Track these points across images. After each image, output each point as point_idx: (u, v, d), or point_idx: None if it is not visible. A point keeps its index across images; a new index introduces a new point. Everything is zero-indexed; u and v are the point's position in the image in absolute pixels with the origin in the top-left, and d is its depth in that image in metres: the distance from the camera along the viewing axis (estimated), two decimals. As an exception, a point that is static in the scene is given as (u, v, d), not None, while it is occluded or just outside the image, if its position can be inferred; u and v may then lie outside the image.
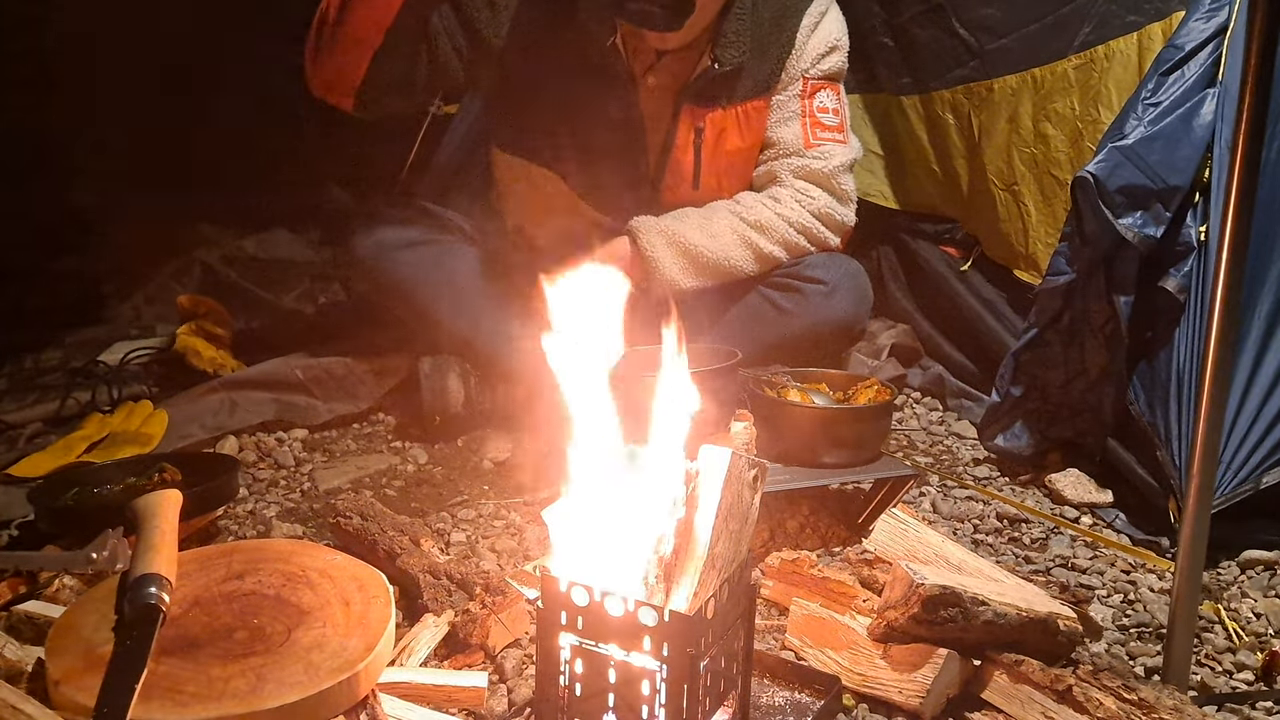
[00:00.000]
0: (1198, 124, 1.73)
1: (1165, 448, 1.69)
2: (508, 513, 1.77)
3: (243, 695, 1.06)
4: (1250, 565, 1.64)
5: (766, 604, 1.47)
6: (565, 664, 1.06)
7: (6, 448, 1.91)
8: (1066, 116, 2.06)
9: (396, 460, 2.01)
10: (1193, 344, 1.68)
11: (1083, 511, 1.85)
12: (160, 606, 1.15)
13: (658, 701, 1.02)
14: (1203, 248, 1.69)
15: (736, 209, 2.08)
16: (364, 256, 2.11)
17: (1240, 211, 1.14)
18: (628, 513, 1.08)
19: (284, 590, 1.28)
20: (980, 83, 2.28)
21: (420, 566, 1.42)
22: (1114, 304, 1.80)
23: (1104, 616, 1.50)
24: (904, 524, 1.42)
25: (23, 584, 1.35)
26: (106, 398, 2.12)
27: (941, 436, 2.24)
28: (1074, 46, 2.03)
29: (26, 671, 1.14)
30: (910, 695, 1.21)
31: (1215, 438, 1.20)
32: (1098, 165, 1.75)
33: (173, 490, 1.41)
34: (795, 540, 1.70)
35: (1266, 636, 1.47)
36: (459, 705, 1.20)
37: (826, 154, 2.10)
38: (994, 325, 2.30)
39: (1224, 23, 1.73)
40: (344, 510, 1.56)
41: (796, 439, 1.72)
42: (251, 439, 2.03)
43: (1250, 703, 1.30)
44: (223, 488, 1.65)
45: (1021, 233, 2.19)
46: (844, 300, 2.08)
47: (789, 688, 1.26)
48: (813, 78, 2.11)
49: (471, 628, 1.31)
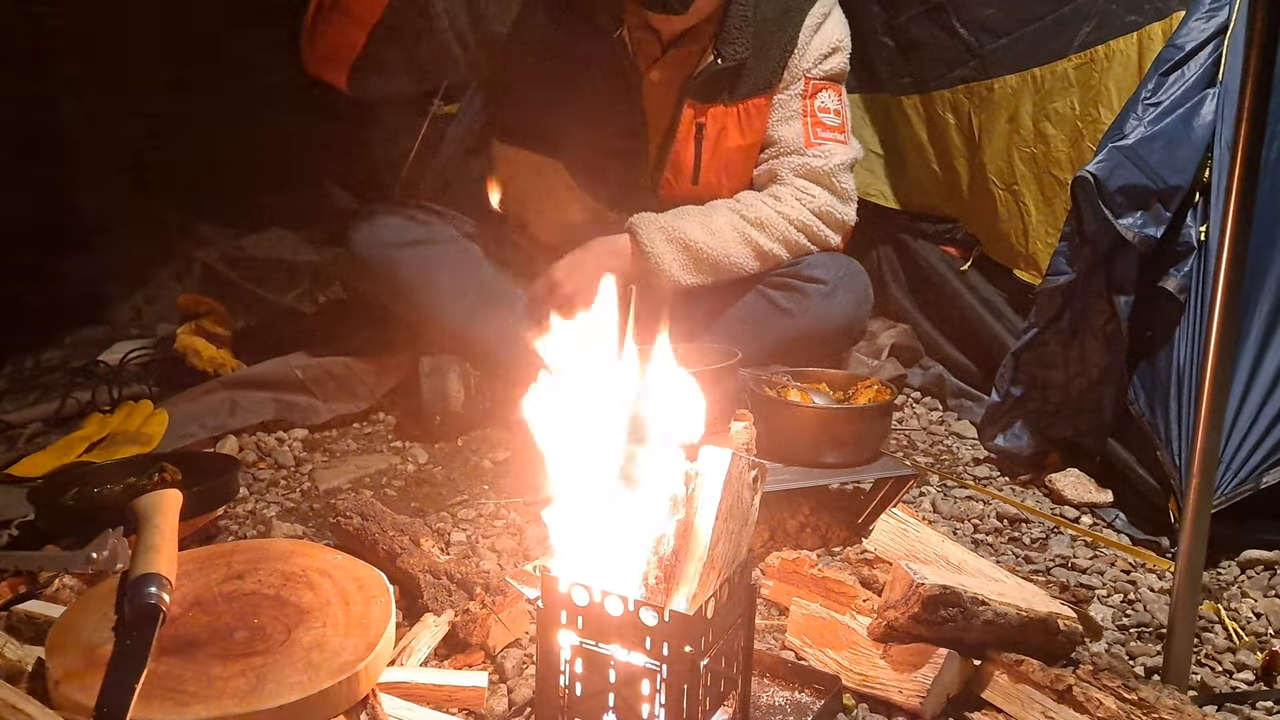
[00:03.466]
0: (1198, 124, 1.73)
1: (1165, 448, 1.69)
2: (508, 513, 1.77)
3: (243, 695, 1.07)
4: (1250, 565, 1.64)
5: (766, 604, 1.47)
6: (565, 664, 1.06)
7: (6, 448, 1.91)
8: (1066, 116, 2.06)
9: (396, 460, 2.01)
10: (1193, 344, 1.68)
11: (1083, 511, 1.85)
12: (160, 606, 1.15)
13: (658, 701, 1.02)
14: (1203, 248, 1.69)
15: (737, 206, 2.08)
16: (364, 255, 2.11)
17: (1240, 211, 1.14)
18: (628, 513, 1.08)
19: (284, 590, 1.28)
20: (980, 82, 2.28)
21: (420, 566, 1.42)
22: (1114, 304, 1.80)
23: (1104, 616, 1.50)
24: (904, 524, 1.42)
25: (23, 584, 1.36)
26: (106, 398, 2.11)
27: (941, 436, 2.24)
28: (1074, 46, 2.03)
29: (26, 671, 1.14)
30: (910, 695, 1.21)
31: (1215, 438, 1.20)
32: (1098, 165, 1.75)
33: (173, 490, 1.41)
34: (795, 540, 1.70)
35: (1266, 636, 1.47)
36: (459, 705, 1.20)
37: (827, 153, 2.11)
38: (994, 325, 2.30)
39: (1224, 23, 1.73)
40: (344, 510, 1.56)
41: (796, 439, 1.72)
42: (251, 439, 2.03)
43: (1250, 703, 1.30)
44: (223, 488, 1.65)
45: (1021, 233, 2.19)
46: (844, 300, 2.09)
47: (789, 688, 1.26)
48: (815, 78, 2.12)
49: (471, 628, 1.31)
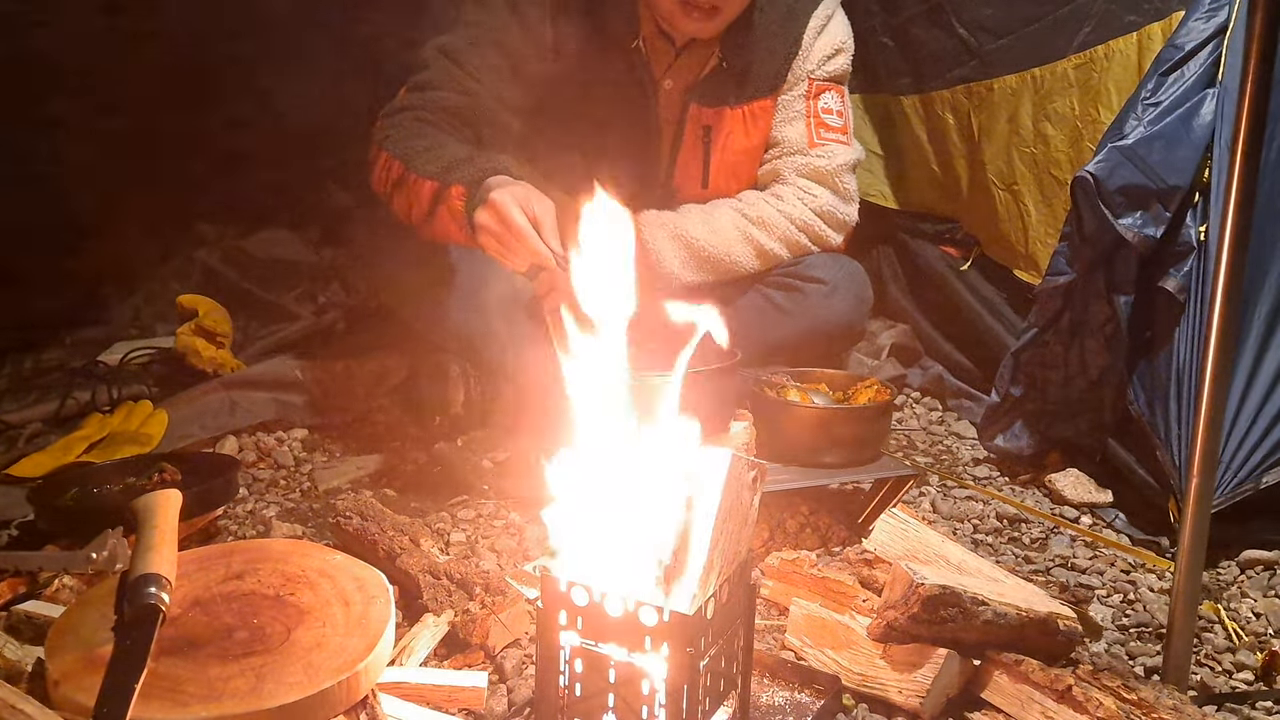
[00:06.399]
0: (1198, 124, 1.73)
1: (1165, 448, 1.69)
2: (508, 513, 1.77)
3: (243, 695, 1.06)
4: (1250, 565, 1.65)
5: (766, 604, 1.47)
6: (565, 664, 1.06)
7: (6, 448, 1.91)
8: (1066, 116, 2.06)
9: (396, 460, 2.01)
10: (1193, 344, 1.68)
11: (1083, 511, 1.85)
12: (160, 606, 1.15)
13: (657, 701, 1.02)
14: (1203, 248, 1.69)
15: (739, 205, 2.08)
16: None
17: (1240, 211, 1.14)
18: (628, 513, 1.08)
19: (284, 590, 1.28)
20: (980, 83, 2.28)
21: (420, 566, 1.42)
22: (1114, 304, 1.80)
23: (1104, 616, 1.50)
24: (904, 524, 1.42)
25: (23, 584, 1.36)
26: (106, 398, 2.12)
27: (941, 436, 2.24)
28: (1074, 46, 2.03)
29: (26, 671, 1.14)
30: (910, 695, 1.21)
31: (1215, 438, 1.20)
32: (1097, 165, 1.75)
33: (173, 490, 1.41)
34: (795, 540, 1.70)
35: (1266, 636, 1.47)
36: (459, 705, 1.20)
37: (830, 153, 2.11)
38: (994, 325, 2.30)
39: (1224, 23, 1.73)
40: (344, 510, 1.56)
41: (796, 439, 1.72)
42: (251, 439, 2.03)
43: (1250, 702, 1.30)
44: (223, 488, 1.65)
45: (1021, 233, 2.19)
46: (844, 300, 2.08)
47: (789, 688, 1.26)
48: (818, 79, 2.12)
49: (471, 628, 1.31)
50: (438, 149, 1.83)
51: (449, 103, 1.93)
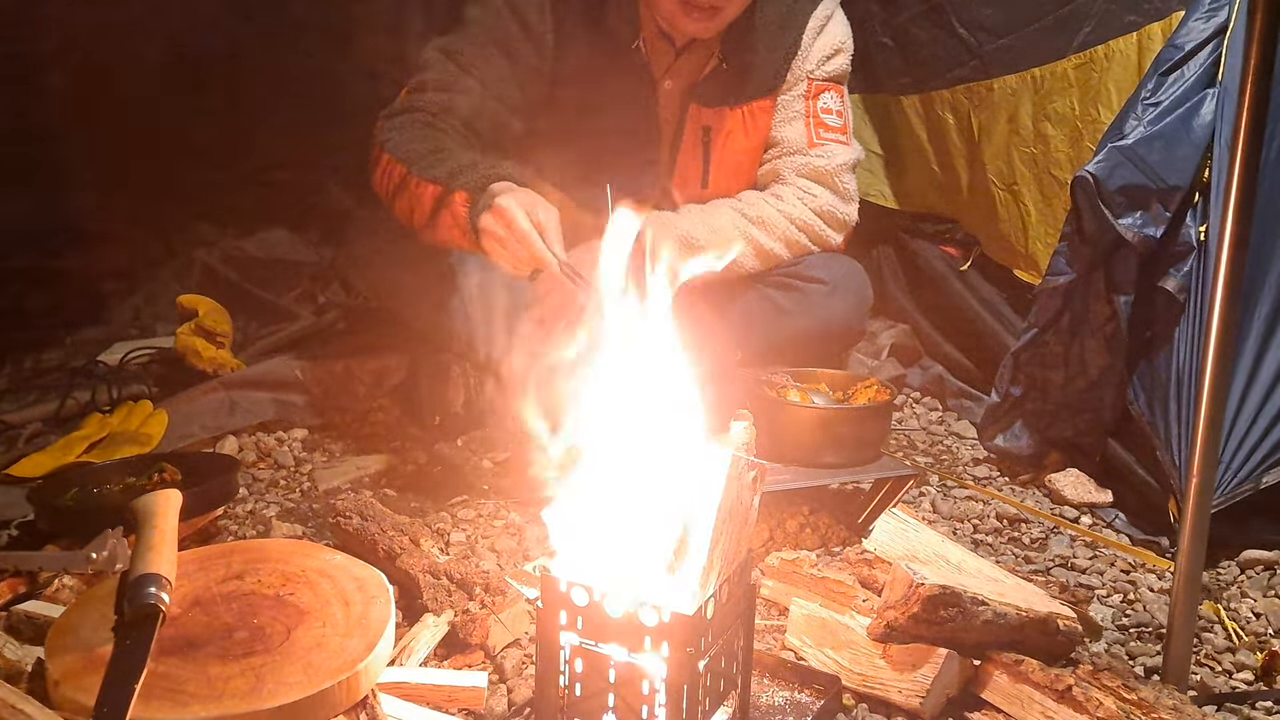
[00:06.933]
0: (1198, 124, 1.73)
1: (1165, 448, 1.69)
2: (508, 513, 1.77)
3: (243, 695, 1.07)
4: (1250, 565, 1.65)
5: (766, 604, 1.47)
6: (565, 664, 1.06)
7: (6, 448, 1.91)
8: (1066, 116, 2.06)
9: (396, 460, 2.01)
10: (1193, 344, 1.68)
11: (1082, 511, 1.85)
12: (160, 606, 1.15)
13: (657, 701, 1.02)
14: (1203, 248, 1.69)
15: (738, 205, 2.08)
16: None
17: (1240, 211, 1.14)
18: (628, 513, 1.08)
19: (283, 590, 1.28)
20: (980, 82, 2.28)
21: (420, 566, 1.42)
22: (1114, 304, 1.80)
23: (1104, 616, 1.50)
24: (904, 524, 1.42)
25: (23, 584, 1.36)
26: (106, 398, 2.11)
27: (941, 436, 2.24)
28: (1074, 46, 2.03)
29: (26, 671, 1.14)
30: (910, 695, 1.21)
31: (1215, 438, 1.20)
32: (1097, 165, 1.76)
33: (173, 490, 1.41)
34: (795, 540, 1.70)
35: (1266, 636, 1.47)
36: (459, 705, 1.20)
37: (829, 153, 2.11)
38: (994, 325, 2.30)
39: (1224, 23, 1.73)
40: (344, 510, 1.56)
41: (796, 439, 1.72)
42: (251, 439, 2.03)
43: (1250, 703, 1.30)
44: (223, 488, 1.65)
45: (1021, 233, 2.19)
46: (844, 300, 2.08)
47: (789, 688, 1.26)
48: (817, 79, 2.12)
49: (471, 628, 1.31)
50: (440, 153, 1.83)
51: (450, 103, 1.93)
